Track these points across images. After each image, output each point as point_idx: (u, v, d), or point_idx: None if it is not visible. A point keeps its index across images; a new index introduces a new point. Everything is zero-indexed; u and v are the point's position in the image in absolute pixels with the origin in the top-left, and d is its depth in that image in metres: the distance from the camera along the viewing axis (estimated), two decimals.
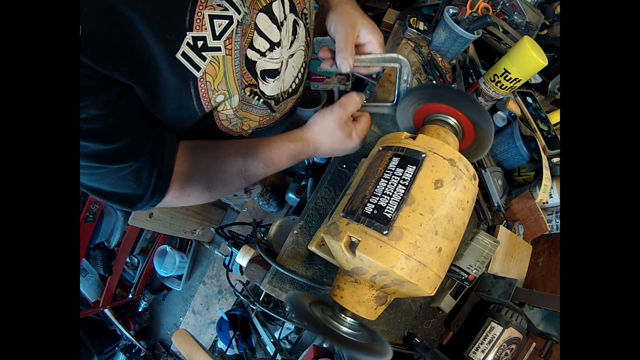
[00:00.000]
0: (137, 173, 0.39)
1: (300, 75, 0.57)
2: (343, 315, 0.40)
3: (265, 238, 0.68)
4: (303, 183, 1.19)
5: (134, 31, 0.31)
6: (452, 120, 0.47)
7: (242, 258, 0.61)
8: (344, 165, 0.64)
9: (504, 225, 0.76)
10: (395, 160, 0.41)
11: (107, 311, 1.63)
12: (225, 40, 0.40)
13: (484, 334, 0.63)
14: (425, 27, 0.81)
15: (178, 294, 1.98)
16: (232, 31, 0.40)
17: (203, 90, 0.41)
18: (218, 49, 0.39)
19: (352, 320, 0.40)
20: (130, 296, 1.77)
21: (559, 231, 0.76)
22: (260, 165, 0.49)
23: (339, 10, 0.50)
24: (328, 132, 0.51)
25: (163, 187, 0.43)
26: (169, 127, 0.43)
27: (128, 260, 1.73)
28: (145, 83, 0.35)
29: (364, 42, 0.50)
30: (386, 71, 0.78)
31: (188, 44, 0.36)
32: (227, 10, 0.38)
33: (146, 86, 0.36)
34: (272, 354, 0.85)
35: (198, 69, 0.38)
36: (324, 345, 0.72)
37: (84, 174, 0.38)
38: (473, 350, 0.62)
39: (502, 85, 0.71)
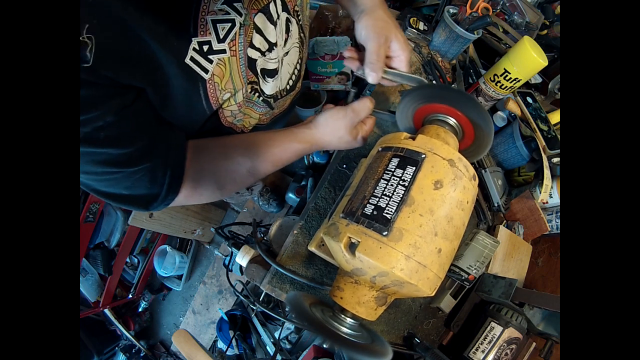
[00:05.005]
0: (151, 173, 0.41)
1: (296, 72, 0.58)
2: (343, 316, 0.40)
3: (265, 238, 0.68)
4: (303, 183, 1.18)
5: (142, 41, 0.32)
6: (451, 121, 0.47)
7: (242, 258, 0.61)
8: (344, 166, 0.64)
9: (504, 225, 0.76)
10: (395, 161, 0.40)
11: (107, 311, 1.63)
12: (229, 42, 0.41)
13: (484, 334, 0.63)
14: (425, 27, 0.81)
15: (178, 294, 1.98)
16: (235, 33, 0.41)
17: (212, 91, 0.42)
18: (223, 51, 0.41)
19: (352, 320, 0.40)
20: (130, 296, 1.77)
21: (559, 231, 0.76)
22: (269, 165, 0.51)
23: (374, 16, 0.50)
24: (337, 136, 0.53)
25: (177, 184, 0.44)
26: (179, 127, 0.44)
27: (128, 260, 1.73)
28: (157, 86, 0.37)
29: (393, 55, 0.51)
30: None
31: (194, 49, 0.38)
32: (229, 14, 0.40)
33: (157, 89, 0.37)
34: (272, 354, 0.85)
35: (206, 71, 0.40)
36: (324, 346, 0.72)
37: (101, 181, 0.39)
38: (473, 350, 0.62)
39: (502, 85, 0.71)
